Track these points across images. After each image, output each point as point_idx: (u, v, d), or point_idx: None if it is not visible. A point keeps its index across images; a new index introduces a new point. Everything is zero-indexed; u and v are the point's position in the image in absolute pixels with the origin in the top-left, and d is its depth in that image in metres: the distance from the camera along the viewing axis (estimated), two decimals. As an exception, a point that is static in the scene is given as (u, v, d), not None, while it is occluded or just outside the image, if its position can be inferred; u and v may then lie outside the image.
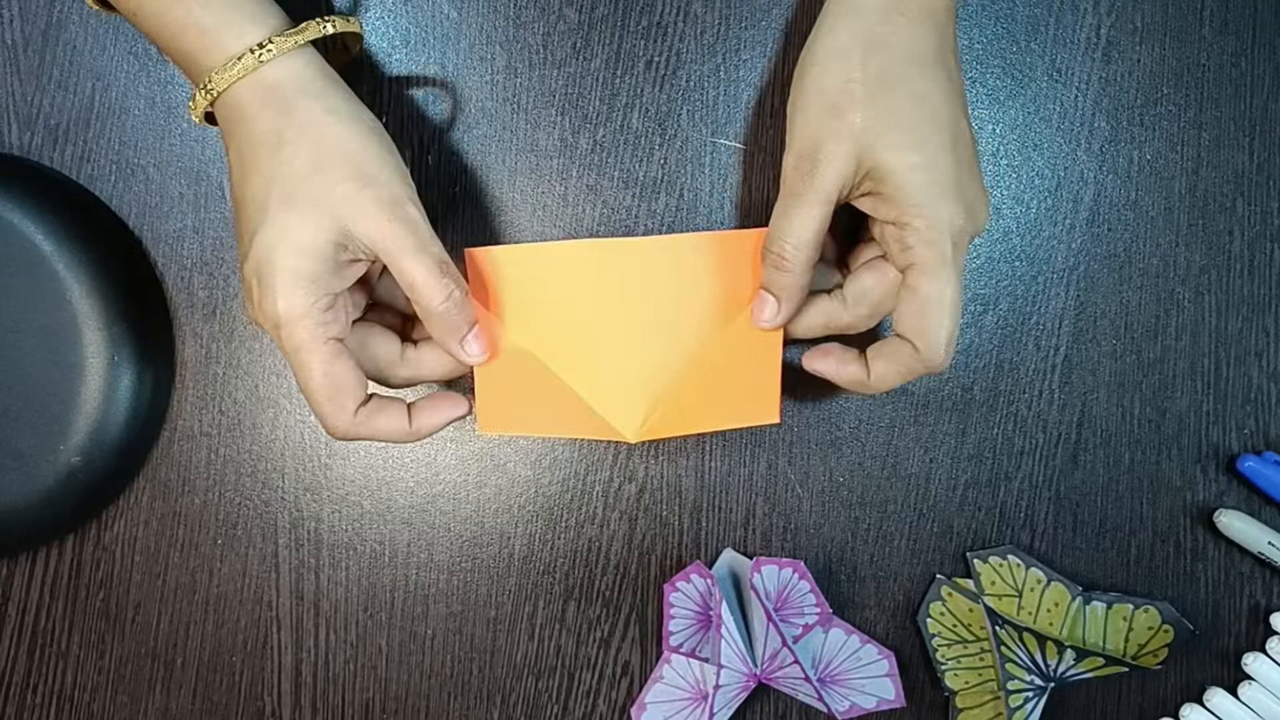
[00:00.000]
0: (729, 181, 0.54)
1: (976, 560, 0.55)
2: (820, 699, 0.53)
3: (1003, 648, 0.54)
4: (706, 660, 0.53)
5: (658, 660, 0.55)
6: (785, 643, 0.52)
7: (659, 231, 0.54)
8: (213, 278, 0.55)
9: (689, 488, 0.55)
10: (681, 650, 0.54)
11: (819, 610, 0.55)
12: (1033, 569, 0.55)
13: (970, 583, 0.55)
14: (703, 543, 0.55)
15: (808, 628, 0.55)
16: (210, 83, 0.44)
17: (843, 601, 0.56)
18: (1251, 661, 0.54)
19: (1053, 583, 0.54)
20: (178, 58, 0.46)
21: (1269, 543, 0.53)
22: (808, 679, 0.52)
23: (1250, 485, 0.54)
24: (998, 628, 0.54)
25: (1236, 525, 0.54)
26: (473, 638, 0.56)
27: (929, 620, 0.55)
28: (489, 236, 0.54)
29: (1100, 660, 0.53)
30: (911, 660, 0.56)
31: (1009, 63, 0.54)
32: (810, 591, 0.54)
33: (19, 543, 0.55)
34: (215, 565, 0.55)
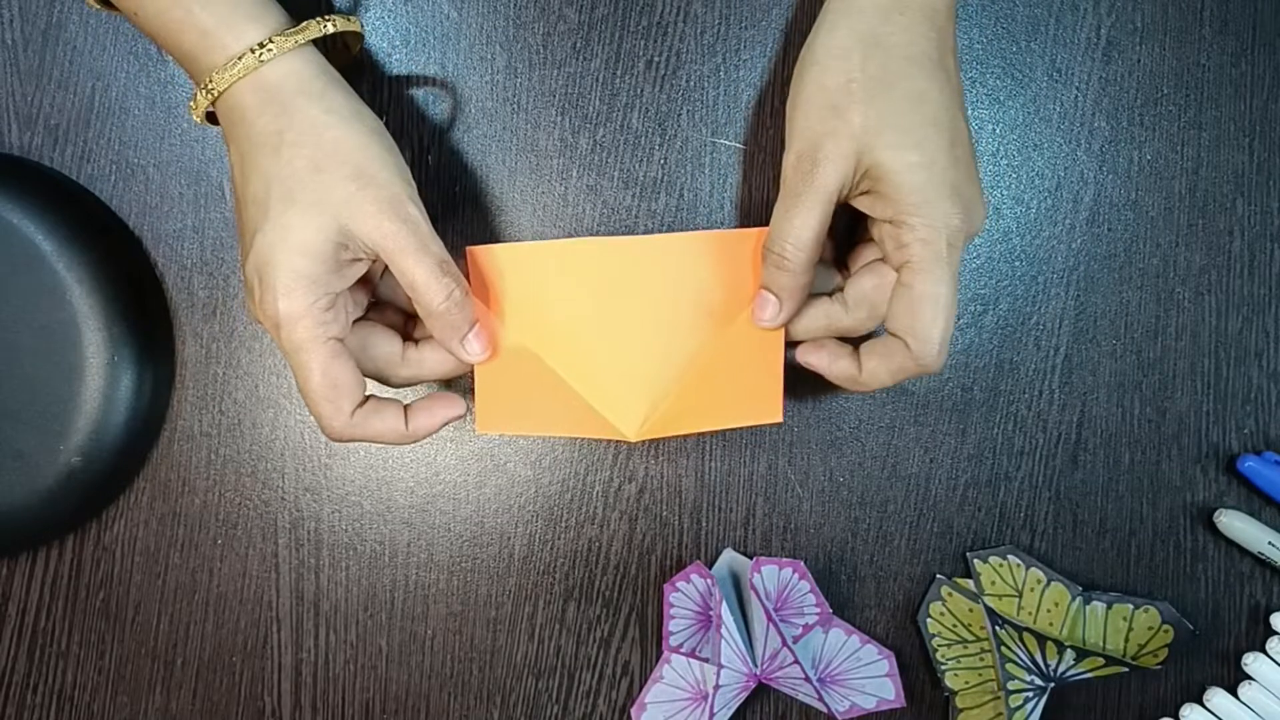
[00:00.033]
0: (729, 181, 0.54)
1: (976, 560, 0.55)
2: (820, 699, 0.53)
3: (1003, 648, 0.54)
4: (706, 660, 0.53)
5: (658, 660, 0.55)
6: (785, 643, 0.52)
7: (659, 231, 0.54)
8: (213, 278, 0.54)
9: (689, 488, 0.55)
10: (681, 650, 0.54)
11: (819, 610, 0.55)
12: (1033, 569, 0.55)
13: (970, 583, 0.55)
14: (703, 543, 0.55)
15: (808, 628, 0.55)
16: (211, 83, 0.44)
17: (843, 601, 0.56)
18: (1251, 661, 0.54)
19: (1053, 583, 0.54)
20: (178, 57, 0.46)
21: (1269, 543, 0.53)
22: (808, 679, 0.52)
23: (1250, 485, 0.54)
24: (998, 628, 0.54)
25: (1236, 525, 0.54)
26: (473, 638, 0.56)
27: (929, 620, 0.55)
28: (489, 236, 0.54)
29: (1100, 660, 0.53)
30: (911, 660, 0.56)
31: (1009, 63, 0.54)
32: (810, 591, 0.54)
33: (19, 543, 0.55)
34: (215, 565, 0.55)
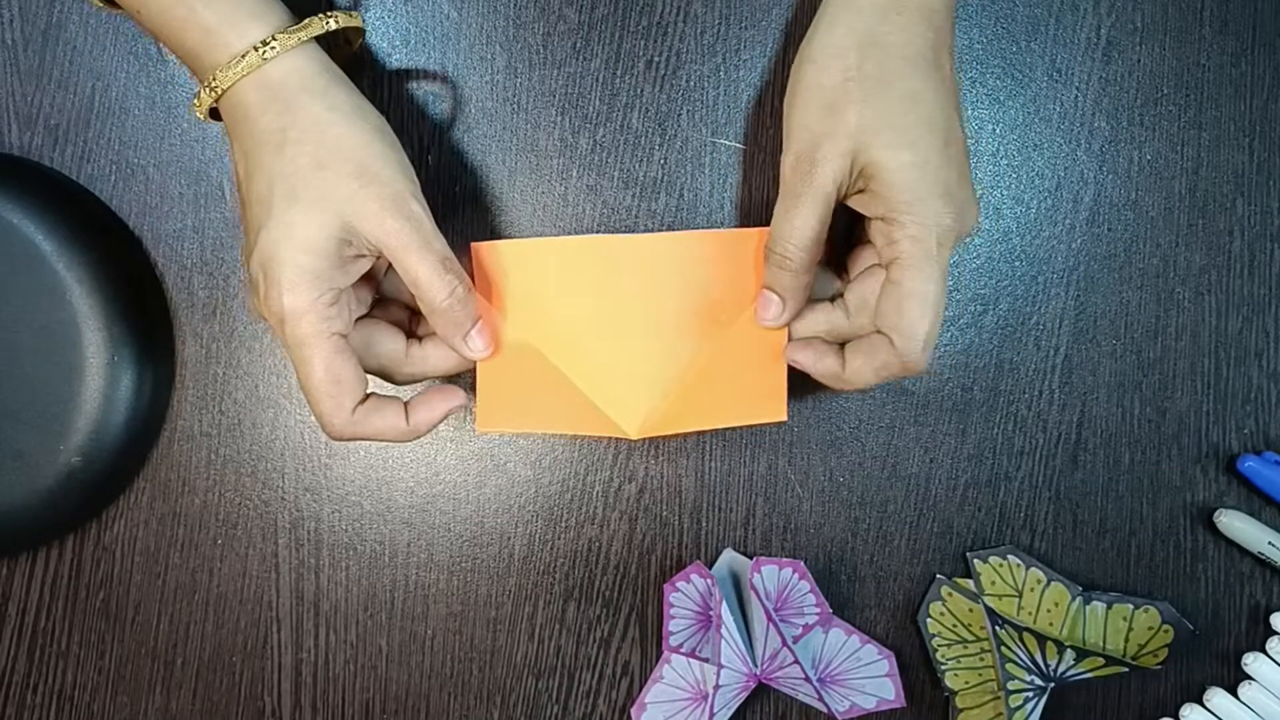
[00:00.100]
0: (729, 181, 0.54)
1: (976, 560, 0.55)
2: (820, 699, 0.53)
3: (1003, 648, 0.54)
4: (706, 660, 0.53)
5: (658, 660, 0.55)
6: (785, 643, 0.52)
7: (659, 231, 0.54)
8: (213, 278, 0.54)
9: (689, 488, 0.55)
10: (681, 650, 0.54)
11: (819, 610, 0.55)
12: (1033, 569, 0.55)
13: (970, 583, 0.55)
14: (703, 543, 0.55)
15: (808, 628, 0.55)
16: (214, 81, 0.44)
17: (843, 601, 0.56)
18: (1251, 661, 0.54)
19: (1053, 583, 0.54)
20: (181, 55, 0.46)
21: (1269, 543, 0.53)
22: (808, 679, 0.52)
23: (1250, 485, 0.54)
24: (998, 628, 0.54)
25: (1236, 525, 0.54)
26: (473, 638, 0.56)
27: (929, 620, 0.55)
28: (489, 236, 0.54)
29: (1100, 660, 0.53)
30: (911, 660, 0.56)
31: (1009, 63, 0.54)
32: (810, 591, 0.54)
33: (19, 543, 0.55)
34: (215, 565, 0.55)
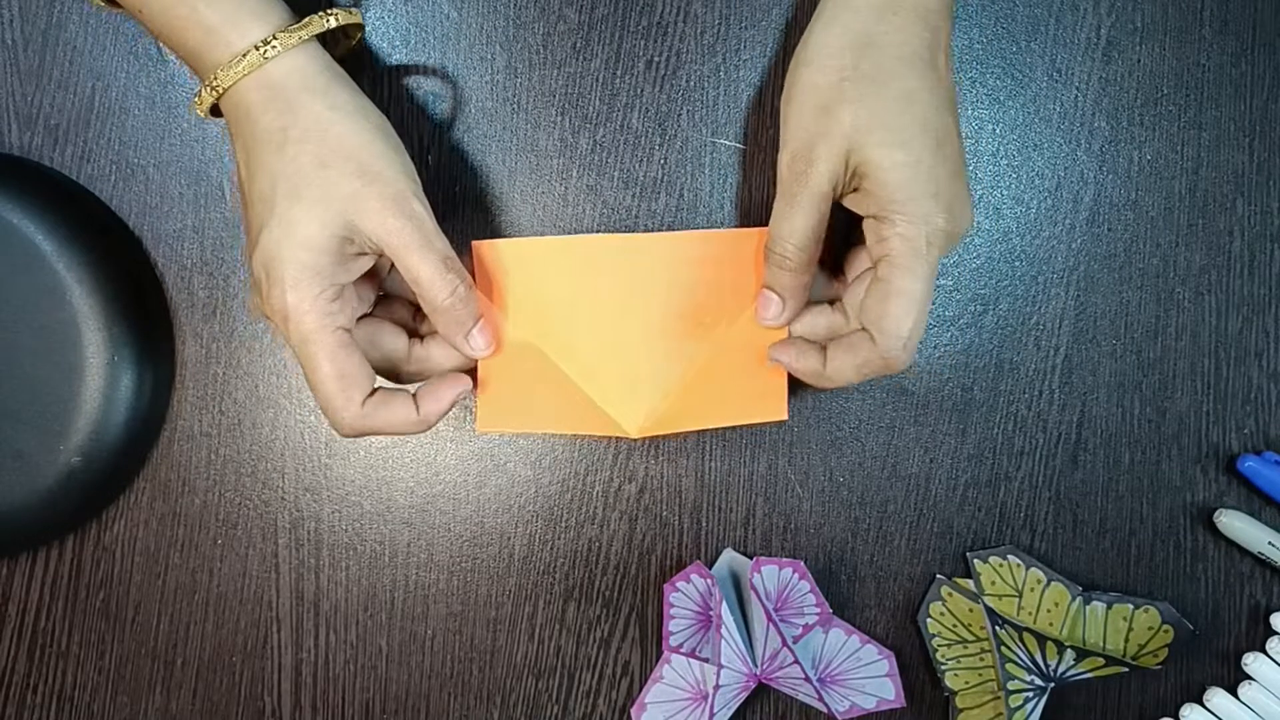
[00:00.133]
0: (729, 181, 0.54)
1: (976, 560, 0.55)
2: (820, 699, 0.53)
3: (1003, 648, 0.54)
4: (706, 660, 0.53)
5: (658, 660, 0.55)
6: (785, 643, 0.52)
7: (659, 231, 0.54)
8: (213, 278, 0.54)
9: (689, 488, 0.55)
10: (681, 650, 0.54)
11: (819, 610, 0.55)
12: (1033, 569, 0.55)
13: (970, 583, 0.55)
14: (703, 543, 0.55)
15: (808, 628, 0.55)
16: (215, 80, 0.44)
17: (843, 601, 0.56)
18: (1251, 661, 0.54)
19: (1053, 583, 0.54)
20: (183, 55, 0.46)
21: (1269, 543, 0.53)
22: (808, 679, 0.52)
23: (1250, 485, 0.54)
24: (998, 628, 0.54)
25: (1236, 525, 0.54)
26: (473, 638, 0.56)
27: (929, 620, 0.55)
28: (489, 236, 0.54)
29: (1100, 660, 0.53)
30: (911, 660, 0.56)
31: (1009, 63, 0.54)
32: (810, 591, 0.54)
33: (19, 543, 0.55)
34: (215, 565, 0.55)
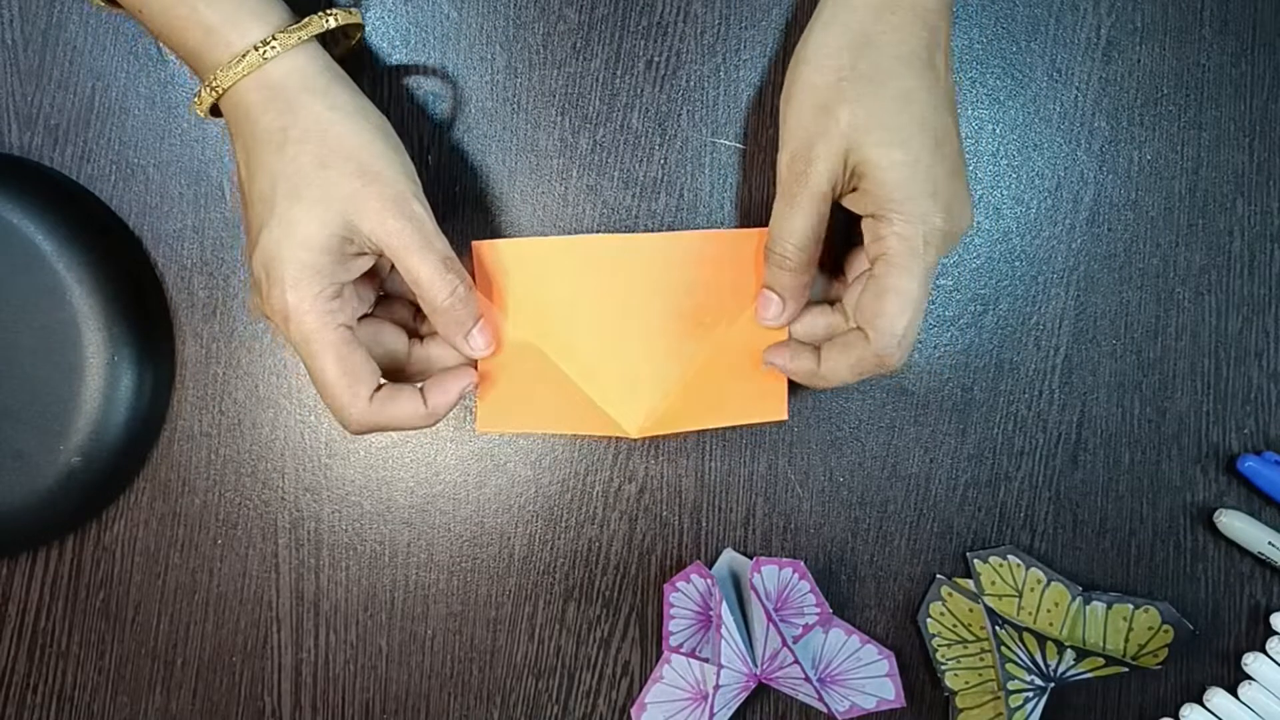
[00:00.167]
0: (729, 181, 0.54)
1: (976, 560, 0.55)
2: (820, 699, 0.53)
3: (1003, 648, 0.54)
4: (706, 660, 0.53)
5: (658, 660, 0.55)
6: (785, 643, 0.52)
7: (659, 231, 0.54)
8: (213, 278, 0.54)
9: (689, 488, 0.55)
10: (681, 650, 0.54)
11: (819, 610, 0.55)
12: (1033, 569, 0.55)
13: (970, 583, 0.55)
14: (703, 543, 0.55)
15: (808, 628, 0.55)
16: (215, 80, 0.44)
17: (843, 601, 0.56)
18: (1251, 661, 0.54)
19: (1053, 583, 0.54)
20: (182, 55, 0.46)
21: (1269, 543, 0.53)
22: (808, 679, 0.52)
23: (1250, 485, 0.54)
24: (998, 628, 0.54)
25: (1236, 525, 0.54)
26: (473, 638, 0.56)
27: (929, 620, 0.55)
28: (489, 236, 0.54)
29: (1100, 660, 0.53)
30: (911, 660, 0.56)
31: (1009, 63, 0.54)
32: (810, 591, 0.54)
33: (19, 543, 0.55)
34: (215, 565, 0.55)
